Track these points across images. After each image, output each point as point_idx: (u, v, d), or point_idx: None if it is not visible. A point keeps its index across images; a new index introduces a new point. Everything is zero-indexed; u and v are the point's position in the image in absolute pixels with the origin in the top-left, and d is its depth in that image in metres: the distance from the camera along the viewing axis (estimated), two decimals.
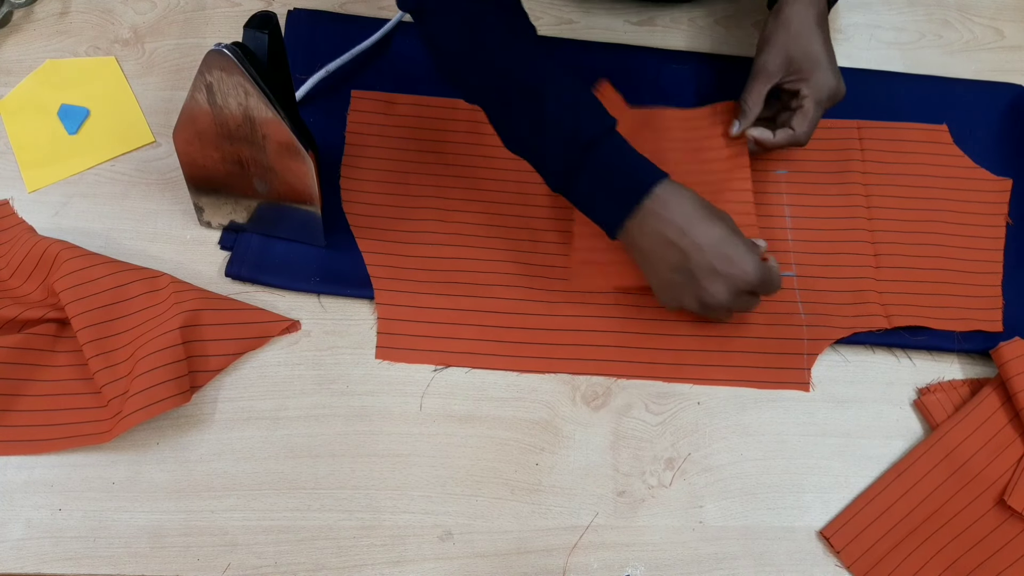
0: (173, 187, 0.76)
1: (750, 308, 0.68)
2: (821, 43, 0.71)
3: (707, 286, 0.64)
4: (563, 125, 0.63)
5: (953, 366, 0.73)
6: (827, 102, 0.72)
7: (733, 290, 0.65)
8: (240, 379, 0.69)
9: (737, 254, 0.64)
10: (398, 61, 0.83)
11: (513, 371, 0.70)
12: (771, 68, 0.72)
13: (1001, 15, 0.91)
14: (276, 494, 0.65)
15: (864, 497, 0.67)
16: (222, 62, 0.59)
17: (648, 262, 0.66)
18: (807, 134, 0.73)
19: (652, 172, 0.64)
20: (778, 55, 0.72)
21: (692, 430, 0.69)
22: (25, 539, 0.62)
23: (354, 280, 0.72)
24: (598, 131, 0.64)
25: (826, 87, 0.71)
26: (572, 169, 0.64)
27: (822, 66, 0.71)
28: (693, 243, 0.63)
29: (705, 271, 0.64)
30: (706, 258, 0.63)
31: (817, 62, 0.71)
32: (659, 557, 0.65)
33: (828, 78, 0.71)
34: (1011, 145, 0.83)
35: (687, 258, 0.64)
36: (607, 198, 0.65)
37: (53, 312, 0.68)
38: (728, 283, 0.64)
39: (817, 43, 0.71)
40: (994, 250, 0.78)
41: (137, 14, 0.84)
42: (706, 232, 0.63)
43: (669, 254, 0.64)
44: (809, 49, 0.71)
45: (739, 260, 0.64)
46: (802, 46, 0.71)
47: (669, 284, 0.66)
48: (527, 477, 0.67)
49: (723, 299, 0.65)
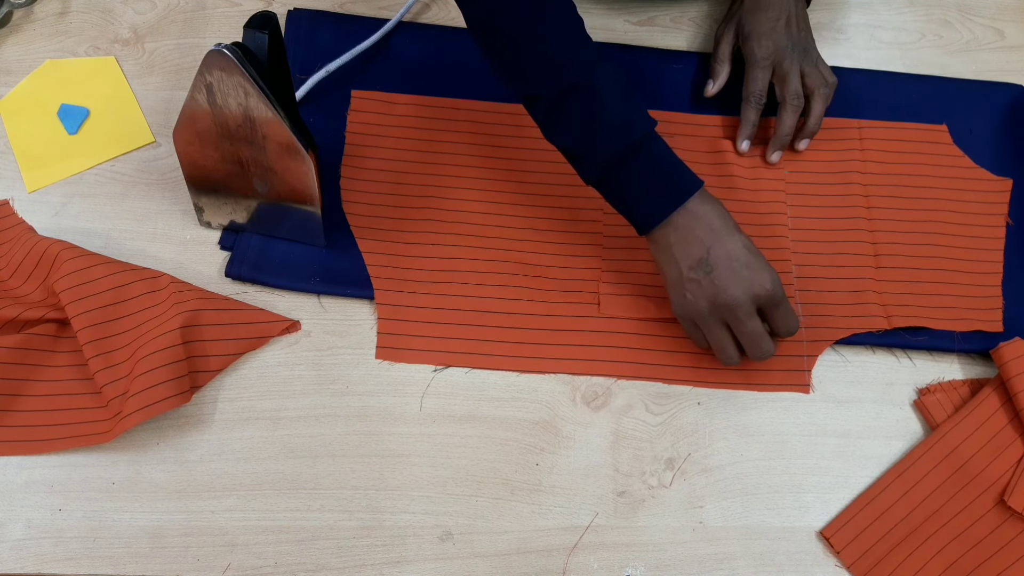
0: (173, 187, 0.76)
1: (759, 339, 0.66)
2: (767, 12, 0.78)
3: (725, 285, 0.64)
4: (616, 120, 0.65)
5: (953, 366, 0.73)
6: (765, 60, 0.78)
7: (749, 295, 0.64)
8: (240, 379, 0.69)
9: (759, 264, 0.65)
10: (398, 61, 0.83)
11: (513, 371, 0.70)
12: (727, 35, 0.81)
13: (1001, 15, 0.91)
14: (276, 494, 0.65)
15: (864, 497, 0.67)
16: (222, 62, 0.60)
17: (670, 260, 0.67)
18: (752, 93, 0.78)
19: (693, 178, 0.66)
20: (731, 26, 0.81)
21: (692, 430, 0.69)
22: (25, 539, 0.62)
23: (354, 280, 0.72)
24: (648, 129, 0.66)
25: (760, 48, 0.78)
26: (617, 163, 0.65)
27: (759, 30, 0.78)
28: (721, 245, 0.64)
29: (725, 270, 0.64)
30: (729, 259, 0.64)
31: (755, 26, 0.78)
32: (659, 557, 0.65)
33: (763, 41, 0.78)
34: (1011, 145, 0.83)
35: (711, 255, 0.64)
36: (649, 196, 0.66)
37: (53, 312, 0.68)
38: (745, 287, 0.64)
39: (762, 12, 0.78)
40: (994, 250, 0.78)
41: (137, 14, 0.84)
42: (735, 240, 0.65)
43: (694, 251, 0.65)
44: (754, 17, 0.79)
45: (760, 269, 0.65)
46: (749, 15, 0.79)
47: (687, 282, 0.66)
48: (527, 477, 0.67)
49: (739, 299, 0.64)
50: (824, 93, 0.78)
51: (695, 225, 0.65)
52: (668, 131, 0.80)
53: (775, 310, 0.66)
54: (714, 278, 0.64)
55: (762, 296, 0.65)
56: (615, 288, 0.73)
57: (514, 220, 0.76)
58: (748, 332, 0.65)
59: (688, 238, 0.65)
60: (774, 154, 0.79)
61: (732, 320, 0.65)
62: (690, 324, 0.68)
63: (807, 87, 0.78)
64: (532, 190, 0.77)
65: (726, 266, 0.64)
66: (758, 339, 0.66)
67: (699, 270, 0.65)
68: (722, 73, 0.81)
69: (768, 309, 0.66)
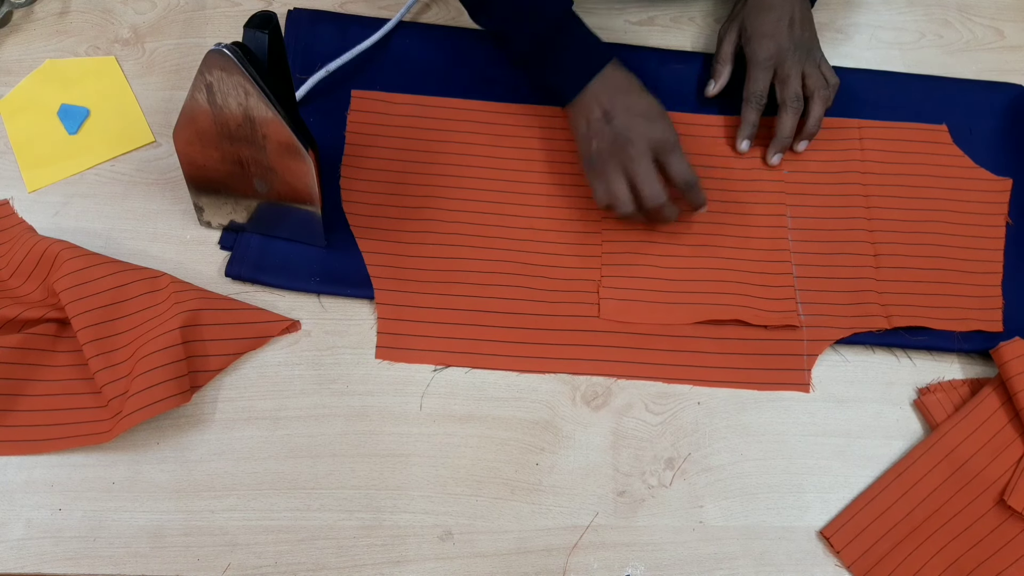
0: (173, 187, 0.76)
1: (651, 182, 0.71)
2: (769, 12, 0.79)
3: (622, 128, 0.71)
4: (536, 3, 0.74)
5: (953, 366, 0.73)
6: (767, 61, 0.78)
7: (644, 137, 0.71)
8: (240, 379, 0.69)
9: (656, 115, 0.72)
10: (398, 61, 0.83)
11: (513, 371, 0.70)
12: (729, 35, 0.81)
13: (1001, 15, 0.91)
14: (276, 494, 0.65)
15: (864, 497, 0.67)
16: (222, 62, 0.60)
17: (582, 117, 0.74)
18: (753, 93, 0.79)
19: (606, 50, 0.75)
20: (734, 25, 0.81)
21: (692, 430, 0.69)
22: (25, 539, 0.62)
23: (354, 280, 0.72)
24: (566, 7, 0.74)
25: (762, 48, 0.78)
26: (541, 43, 0.74)
27: (761, 31, 0.78)
28: (624, 99, 0.73)
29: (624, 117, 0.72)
30: (629, 109, 0.72)
31: (757, 26, 0.79)
32: (659, 557, 0.65)
33: (765, 42, 0.78)
34: (1011, 145, 0.83)
35: (615, 108, 0.72)
36: (571, 69, 0.75)
37: (53, 312, 0.68)
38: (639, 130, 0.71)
39: (765, 13, 0.79)
40: (994, 250, 0.78)
41: (137, 14, 0.84)
42: (638, 96, 0.73)
43: (602, 105, 0.73)
44: (757, 18, 0.79)
45: (656, 119, 0.72)
46: (751, 16, 0.79)
47: (592, 133, 0.73)
48: (527, 477, 0.67)
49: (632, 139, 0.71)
50: (824, 95, 0.78)
51: (605, 88, 0.73)
52: None
53: (669, 155, 0.72)
54: (614, 124, 0.72)
55: (654, 139, 0.71)
56: (615, 292, 0.73)
57: (514, 220, 0.76)
58: (641, 173, 0.71)
59: (599, 97, 0.73)
60: (774, 156, 0.79)
61: (628, 162, 0.71)
62: (595, 176, 0.73)
63: (807, 88, 0.78)
64: (532, 190, 0.77)
65: (625, 114, 0.72)
66: (650, 182, 0.71)
67: (603, 120, 0.72)
68: (724, 73, 0.82)
69: (662, 156, 0.72)
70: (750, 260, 0.75)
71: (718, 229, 0.77)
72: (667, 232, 0.76)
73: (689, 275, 0.74)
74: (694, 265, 0.75)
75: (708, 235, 0.76)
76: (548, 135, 0.80)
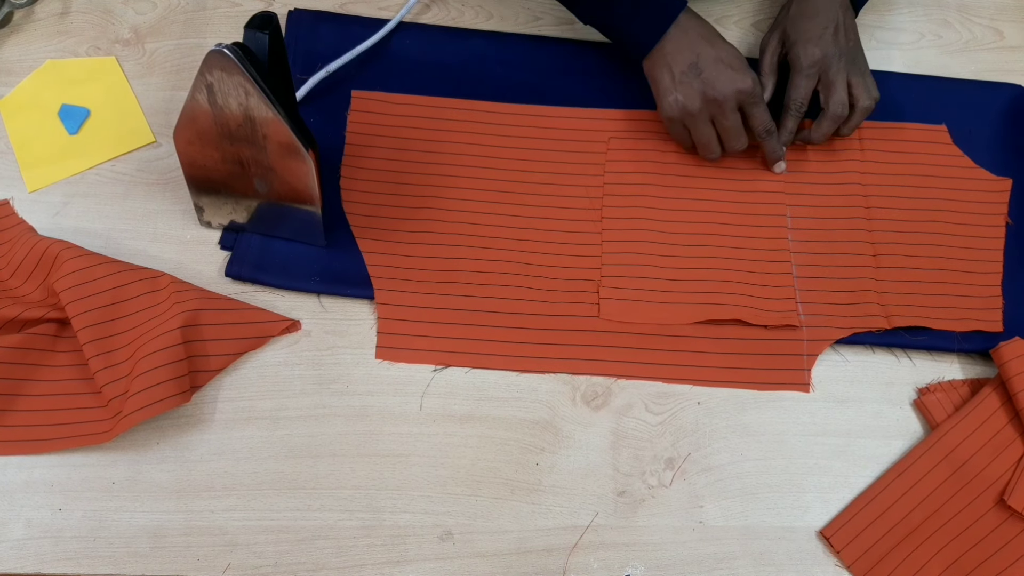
0: (173, 187, 0.76)
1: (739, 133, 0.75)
2: (814, 19, 0.77)
3: (713, 82, 0.73)
4: None
5: (953, 366, 0.73)
6: (811, 68, 0.77)
7: (733, 90, 0.73)
8: (240, 379, 0.69)
9: (742, 66, 0.74)
10: (398, 61, 0.83)
11: (513, 371, 0.70)
12: (771, 44, 0.80)
13: (1001, 15, 0.91)
14: (276, 494, 0.65)
15: (864, 497, 0.67)
16: (222, 62, 0.60)
17: (664, 69, 0.75)
18: (794, 100, 0.77)
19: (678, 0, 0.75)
20: (776, 35, 0.80)
21: (692, 430, 0.69)
22: (25, 539, 0.62)
23: (354, 280, 0.72)
24: None
25: (807, 55, 0.77)
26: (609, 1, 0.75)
27: (805, 37, 0.77)
28: (709, 50, 0.73)
29: (713, 70, 0.73)
30: (717, 60, 0.73)
31: (801, 33, 0.77)
32: (659, 557, 0.65)
33: (809, 48, 0.76)
34: (1011, 145, 0.83)
35: (700, 60, 0.73)
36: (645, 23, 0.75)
37: (53, 312, 0.68)
38: (731, 83, 0.72)
39: (809, 20, 0.77)
40: (994, 250, 0.78)
41: (137, 14, 0.84)
42: (721, 46, 0.74)
43: (685, 56, 0.73)
44: (801, 25, 0.78)
45: (743, 70, 0.73)
46: (795, 23, 0.78)
47: (679, 85, 0.74)
48: (527, 477, 0.67)
49: (725, 93, 0.73)
50: (866, 106, 0.77)
51: (684, 37, 0.74)
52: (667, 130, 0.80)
53: (754, 108, 0.74)
54: (704, 77, 0.73)
55: (744, 91, 0.73)
56: (615, 292, 0.73)
57: (514, 220, 0.76)
58: (730, 126, 0.74)
59: (680, 47, 0.74)
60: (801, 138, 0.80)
61: (719, 113, 0.74)
62: (678, 126, 0.76)
63: (852, 97, 0.77)
64: (532, 190, 0.77)
65: (714, 67, 0.73)
66: (738, 133, 0.75)
67: (690, 73, 0.73)
68: (767, 86, 0.80)
69: (747, 107, 0.74)
70: (750, 260, 0.75)
71: (718, 229, 0.77)
72: (667, 232, 0.76)
73: (689, 275, 0.74)
74: (694, 265, 0.75)
75: (708, 235, 0.76)
76: (548, 135, 0.80)
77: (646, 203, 0.77)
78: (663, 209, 0.77)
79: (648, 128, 0.80)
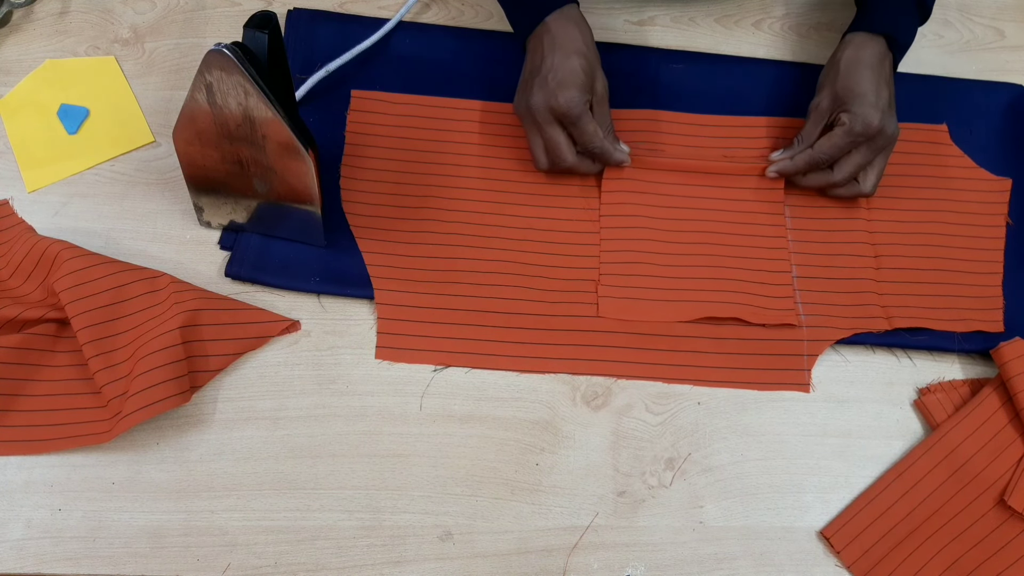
0: (173, 187, 0.76)
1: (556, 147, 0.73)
2: (867, 80, 0.73)
3: (535, 91, 0.72)
4: None
5: (953, 366, 0.73)
6: (859, 135, 0.73)
7: (546, 105, 0.72)
8: (240, 379, 0.69)
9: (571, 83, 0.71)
10: (398, 61, 0.83)
11: (513, 371, 0.70)
12: (822, 107, 0.75)
13: (1001, 15, 0.91)
14: (276, 494, 0.65)
15: (864, 497, 0.67)
16: (222, 62, 0.59)
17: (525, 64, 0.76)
18: (825, 153, 0.74)
19: None
20: (828, 95, 0.75)
21: (692, 430, 0.69)
22: (25, 539, 0.62)
23: (354, 280, 0.72)
24: None
25: (860, 118, 0.72)
26: None
27: (859, 100, 0.73)
28: (552, 58, 0.72)
29: (541, 79, 0.72)
30: (551, 70, 0.72)
31: (855, 95, 0.73)
32: (659, 557, 0.65)
33: (865, 111, 0.72)
34: (1011, 145, 0.83)
35: (543, 65, 0.73)
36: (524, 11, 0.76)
37: (53, 312, 0.68)
38: (545, 96, 0.71)
39: (863, 81, 0.73)
40: (994, 250, 0.78)
41: (137, 14, 0.84)
42: (565, 58, 0.72)
43: (537, 58, 0.74)
44: (851, 85, 0.73)
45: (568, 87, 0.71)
46: (847, 84, 0.74)
47: (523, 83, 0.75)
48: (527, 477, 0.67)
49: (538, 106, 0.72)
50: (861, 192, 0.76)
51: (546, 38, 0.74)
52: (666, 130, 0.80)
53: (572, 127, 0.73)
54: (534, 84, 0.73)
55: (556, 109, 0.72)
56: (613, 291, 0.73)
57: (514, 220, 0.76)
58: (548, 138, 0.73)
59: (539, 48, 0.74)
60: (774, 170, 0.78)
61: (536, 125, 0.73)
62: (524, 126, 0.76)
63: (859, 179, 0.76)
64: (532, 190, 0.77)
65: (544, 76, 0.72)
66: (555, 146, 0.73)
67: (532, 75, 0.74)
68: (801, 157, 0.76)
69: (567, 127, 0.73)
70: (750, 259, 0.75)
71: (718, 228, 0.77)
72: (666, 231, 0.76)
73: (688, 273, 0.74)
74: (693, 263, 0.75)
75: (707, 233, 0.76)
76: None
77: (645, 201, 0.77)
78: (662, 207, 0.77)
79: (647, 127, 0.80)
